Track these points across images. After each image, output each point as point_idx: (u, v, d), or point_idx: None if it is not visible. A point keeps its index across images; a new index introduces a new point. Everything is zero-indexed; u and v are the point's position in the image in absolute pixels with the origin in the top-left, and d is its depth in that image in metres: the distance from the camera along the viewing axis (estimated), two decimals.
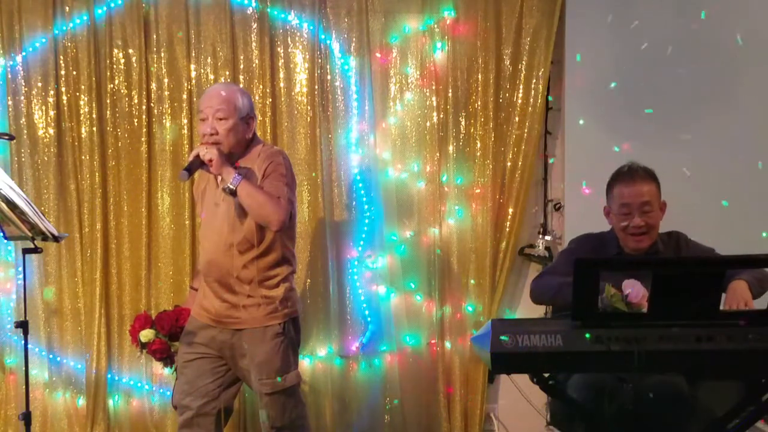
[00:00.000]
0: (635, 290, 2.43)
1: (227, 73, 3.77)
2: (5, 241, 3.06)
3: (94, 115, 3.73)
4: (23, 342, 3.04)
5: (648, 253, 2.78)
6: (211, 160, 2.69)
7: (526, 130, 3.88)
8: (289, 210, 2.74)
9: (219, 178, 2.79)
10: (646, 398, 2.39)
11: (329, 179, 3.84)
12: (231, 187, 2.68)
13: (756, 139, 3.84)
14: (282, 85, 3.83)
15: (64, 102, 3.74)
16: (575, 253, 2.81)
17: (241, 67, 3.80)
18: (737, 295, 2.52)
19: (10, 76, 3.71)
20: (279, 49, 3.82)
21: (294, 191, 2.88)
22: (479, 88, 3.88)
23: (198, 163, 2.73)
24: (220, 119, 2.76)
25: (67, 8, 3.71)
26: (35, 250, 2.97)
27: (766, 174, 3.82)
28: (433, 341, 3.92)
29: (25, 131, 3.72)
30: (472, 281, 3.91)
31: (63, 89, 3.74)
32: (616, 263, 2.65)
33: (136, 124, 3.77)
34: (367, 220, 3.88)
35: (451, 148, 3.89)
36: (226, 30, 3.76)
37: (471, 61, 3.88)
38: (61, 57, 3.72)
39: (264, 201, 2.69)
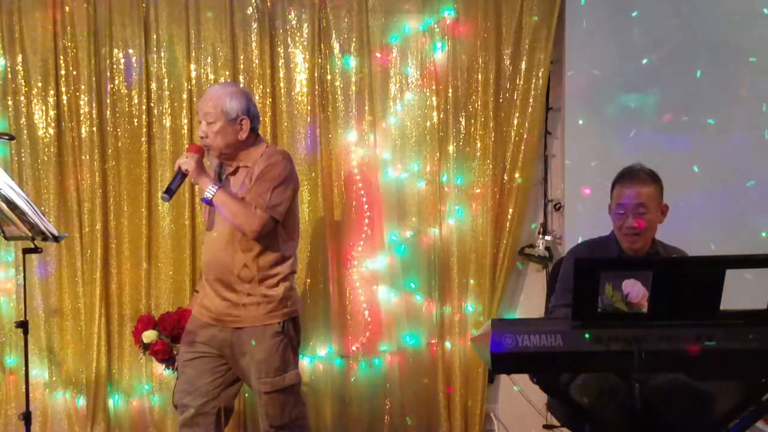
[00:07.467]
0: (635, 290, 2.43)
1: (227, 73, 3.77)
2: (5, 241, 3.06)
3: (94, 115, 3.73)
4: (23, 342, 3.05)
5: (648, 254, 2.78)
6: (188, 171, 2.79)
7: (526, 130, 3.88)
8: (265, 218, 2.76)
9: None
10: (653, 396, 2.40)
11: (329, 179, 3.84)
12: (207, 196, 2.77)
13: (756, 139, 3.84)
14: (282, 85, 3.83)
15: (64, 102, 3.74)
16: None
17: (241, 67, 3.80)
18: None
19: (10, 76, 3.72)
20: (279, 49, 3.82)
21: (293, 193, 2.88)
22: (479, 88, 3.88)
23: (179, 177, 2.82)
24: (209, 123, 2.82)
25: (67, 8, 3.71)
26: (35, 250, 2.98)
27: (767, 174, 3.82)
28: (433, 341, 3.92)
29: (25, 131, 3.73)
30: (472, 281, 3.91)
31: (63, 89, 3.74)
32: (616, 263, 2.65)
33: (136, 124, 3.77)
34: (367, 220, 3.88)
35: (451, 148, 3.89)
36: (226, 30, 3.76)
37: (471, 61, 3.88)
38: (61, 57, 3.72)
39: (237, 211, 2.75)
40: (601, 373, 2.53)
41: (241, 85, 3.55)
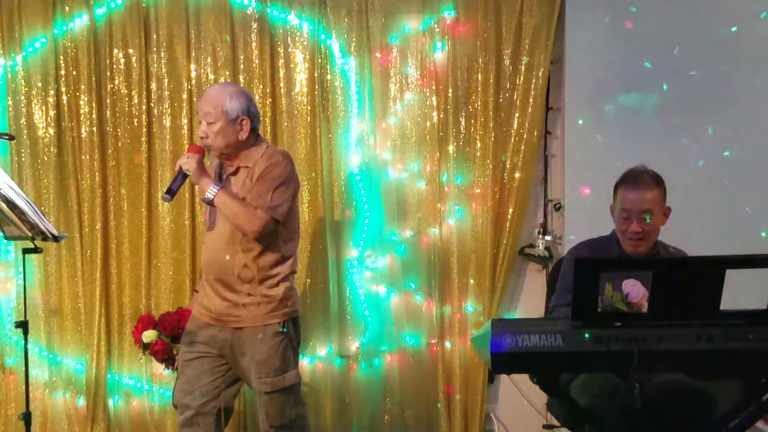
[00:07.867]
0: (635, 290, 2.42)
1: (227, 73, 3.77)
2: (5, 241, 3.06)
3: (94, 115, 3.73)
4: (23, 342, 3.05)
5: (649, 255, 2.78)
6: (189, 171, 2.80)
7: (526, 130, 3.88)
8: (267, 219, 2.76)
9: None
10: (653, 396, 2.39)
11: (329, 179, 3.84)
12: (209, 196, 2.77)
13: (756, 139, 3.84)
14: (282, 85, 3.83)
15: (64, 102, 3.74)
16: None
17: (241, 67, 3.80)
18: None
19: (10, 76, 3.71)
20: (279, 49, 3.82)
21: (294, 193, 2.88)
22: (479, 88, 3.88)
23: (180, 178, 2.83)
24: (209, 123, 2.82)
25: (67, 8, 3.71)
26: (35, 250, 2.98)
27: (767, 173, 3.82)
28: (433, 341, 3.93)
29: (25, 131, 3.72)
30: (472, 281, 3.91)
31: (63, 89, 3.74)
32: (616, 263, 2.65)
33: (136, 124, 3.77)
34: (367, 220, 3.88)
35: (451, 148, 3.89)
36: (226, 30, 3.76)
37: (471, 61, 3.88)
38: (61, 57, 3.72)
39: (238, 211, 2.75)
40: (601, 373, 2.53)
41: (241, 85, 3.55)
